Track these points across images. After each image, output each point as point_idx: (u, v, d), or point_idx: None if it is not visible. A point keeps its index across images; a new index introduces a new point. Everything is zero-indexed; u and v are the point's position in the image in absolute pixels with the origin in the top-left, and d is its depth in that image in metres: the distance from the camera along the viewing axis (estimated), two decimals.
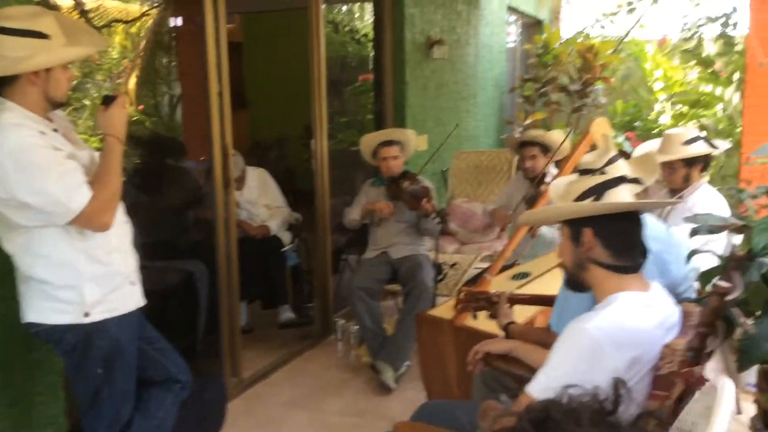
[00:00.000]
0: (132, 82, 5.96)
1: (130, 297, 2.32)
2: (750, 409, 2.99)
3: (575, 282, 1.90)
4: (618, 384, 0.97)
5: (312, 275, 4.78)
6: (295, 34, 5.30)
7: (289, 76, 6.53)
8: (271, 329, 4.45)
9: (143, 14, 5.74)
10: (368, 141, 4.16)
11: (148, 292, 2.43)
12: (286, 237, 4.60)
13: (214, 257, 3.54)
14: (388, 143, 4.08)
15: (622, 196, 1.82)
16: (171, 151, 4.66)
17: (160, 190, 4.03)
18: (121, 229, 2.32)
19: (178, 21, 5.79)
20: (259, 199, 4.59)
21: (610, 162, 2.14)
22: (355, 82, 8.32)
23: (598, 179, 1.86)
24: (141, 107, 6.10)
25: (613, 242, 1.78)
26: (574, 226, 1.83)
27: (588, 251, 1.79)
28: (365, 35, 8.30)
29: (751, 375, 2.99)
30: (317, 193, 4.55)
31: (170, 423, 2.50)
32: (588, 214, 1.80)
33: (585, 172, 2.11)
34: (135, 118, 5.73)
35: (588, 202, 1.82)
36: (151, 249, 3.10)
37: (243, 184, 4.49)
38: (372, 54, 6.58)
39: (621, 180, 1.85)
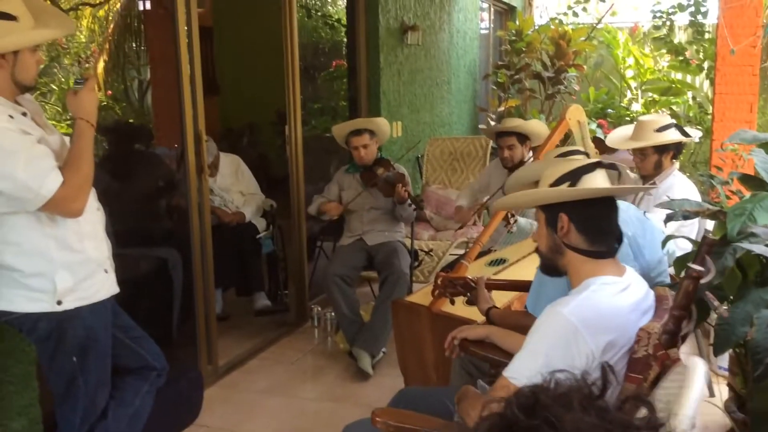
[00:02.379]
0: (100, 66, 5.86)
1: (103, 285, 2.28)
2: (723, 392, 3.06)
3: (551, 267, 1.90)
4: (606, 369, 0.97)
5: (287, 262, 4.75)
6: (267, 19, 5.23)
7: (261, 61, 6.44)
8: (247, 317, 4.42)
9: None
10: (339, 130, 4.13)
11: (122, 280, 2.39)
12: (260, 224, 4.56)
13: (188, 244, 3.50)
14: (358, 132, 4.05)
15: (598, 181, 1.82)
16: (141, 137, 4.60)
17: (132, 176, 3.97)
18: (94, 215, 2.28)
19: (147, 4, 5.69)
20: (232, 186, 4.54)
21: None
22: (328, 67, 8.26)
23: (574, 164, 1.86)
24: (110, 93, 5.99)
25: (588, 228, 1.78)
26: (550, 211, 1.83)
27: (563, 236, 1.80)
28: (338, 20, 8.24)
29: (724, 359, 3.06)
30: (292, 179, 4.52)
31: (146, 411, 2.47)
32: (563, 200, 1.81)
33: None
34: (104, 103, 5.63)
35: (564, 187, 1.82)
36: (125, 236, 3.06)
37: (216, 170, 4.44)
38: (345, 39, 6.54)
39: (597, 165, 1.85)
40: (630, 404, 0.93)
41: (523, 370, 1.66)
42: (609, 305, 1.71)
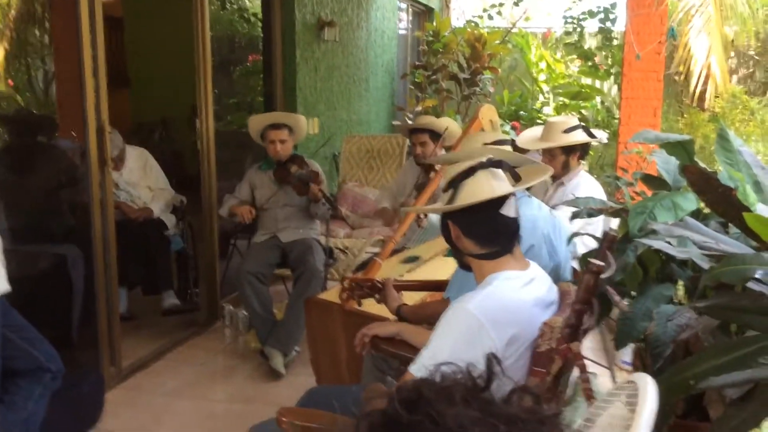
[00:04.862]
0: (0, 55, 5.54)
1: None
2: None
3: (461, 264, 1.93)
4: (491, 360, 0.94)
5: (198, 260, 4.62)
6: (179, 11, 5.07)
7: (176, 54, 6.24)
8: (154, 316, 4.26)
9: None
10: (256, 122, 4.03)
11: (15, 278, 2.26)
12: (170, 220, 4.41)
13: (89, 241, 3.34)
14: (277, 126, 3.96)
15: (480, 185, 1.78)
16: (41, 128, 4.35)
17: (31, 169, 3.76)
18: None
19: None
20: (140, 181, 4.37)
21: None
22: (244, 62, 8.11)
23: (458, 167, 1.82)
24: (11, 82, 5.69)
25: (475, 233, 1.79)
26: (442, 220, 1.85)
27: (456, 241, 1.82)
28: (254, 14, 8.10)
29: (627, 353, 3.16)
30: (203, 175, 4.40)
31: (40, 415, 2.35)
32: (441, 212, 1.83)
33: None
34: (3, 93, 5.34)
35: (446, 196, 1.81)
36: (20, 232, 2.89)
37: (122, 164, 4.27)
38: (262, 34, 6.44)
39: (475, 169, 1.80)
40: (517, 395, 0.90)
41: (427, 365, 1.65)
42: (512, 299, 1.73)
